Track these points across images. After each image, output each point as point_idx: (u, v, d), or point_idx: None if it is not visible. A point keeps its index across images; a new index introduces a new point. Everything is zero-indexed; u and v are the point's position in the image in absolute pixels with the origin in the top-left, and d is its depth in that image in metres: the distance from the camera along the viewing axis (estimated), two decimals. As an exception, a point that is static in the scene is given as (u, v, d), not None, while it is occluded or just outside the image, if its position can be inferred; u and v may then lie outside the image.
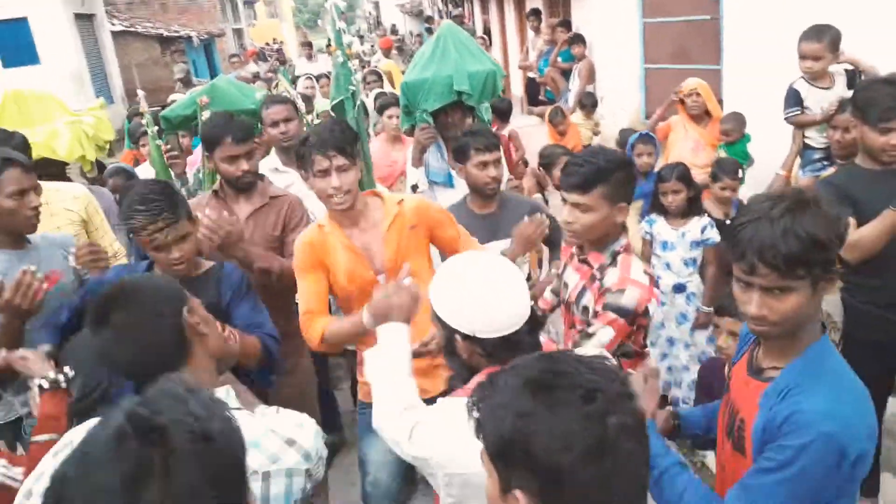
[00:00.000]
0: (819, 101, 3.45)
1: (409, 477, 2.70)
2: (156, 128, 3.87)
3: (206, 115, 3.56)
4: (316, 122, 3.97)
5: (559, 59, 8.73)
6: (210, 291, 2.29)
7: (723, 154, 4.40)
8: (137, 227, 2.21)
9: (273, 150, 3.58)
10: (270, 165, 3.51)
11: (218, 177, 2.99)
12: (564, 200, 2.20)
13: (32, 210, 2.49)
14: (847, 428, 1.35)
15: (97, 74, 15.24)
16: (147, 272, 2.35)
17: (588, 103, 7.08)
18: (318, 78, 8.06)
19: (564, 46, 8.65)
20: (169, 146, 3.86)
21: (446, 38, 3.57)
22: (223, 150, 2.78)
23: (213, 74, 22.34)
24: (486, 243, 2.79)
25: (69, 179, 3.60)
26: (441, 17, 20.13)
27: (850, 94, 3.35)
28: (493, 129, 4.51)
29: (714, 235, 3.71)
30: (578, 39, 8.41)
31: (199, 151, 3.79)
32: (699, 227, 3.70)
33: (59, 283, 2.35)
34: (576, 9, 9.40)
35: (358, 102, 3.07)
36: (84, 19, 15.07)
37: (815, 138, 3.48)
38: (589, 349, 2.05)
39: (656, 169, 4.28)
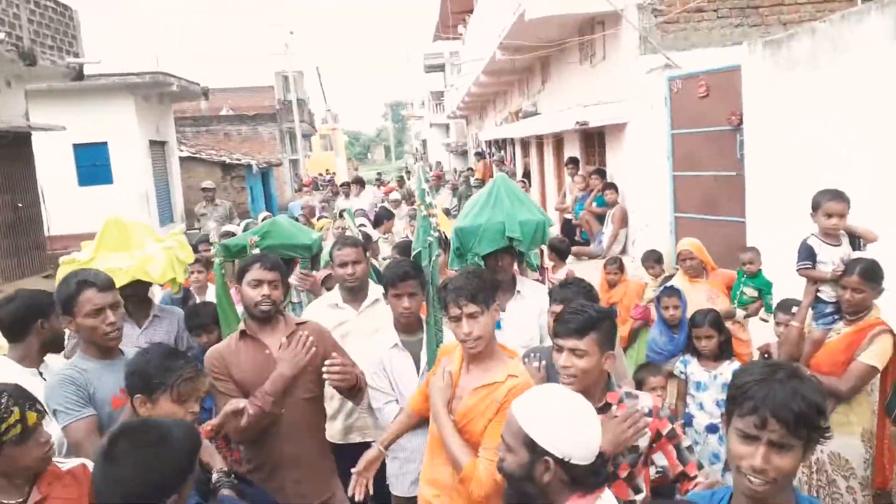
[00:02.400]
0: (831, 256, 3.67)
1: None
2: (221, 258, 3.97)
3: (255, 251, 3.75)
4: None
5: (594, 204, 9.27)
6: None
7: (750, 289, 4.65)
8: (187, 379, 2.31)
9: (336, 287, 3.80)
10: (331, 301, 3.73)
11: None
12: (560, 349, 2.30)
13: (110, 326, 2.65)
14: None
15: (162, 195, 16.27)
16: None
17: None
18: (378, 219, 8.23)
19: (599, 193, 9.22)
20: (224, 273, 3.93)
21: (500, 188, 3.75)
22: (251, 273, 2.94)
23: (268, 198, 23.72)
24: None
25: (150, 299, 3.80)
26: (484, 158, 21.32)
27: (855, 253, 3.65)
28: (548, 271, 4.84)
29: (746, 381, 3.91)
30: (611, 187, 8.99)
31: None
32: (731, 371, 3.85)
33: None
34: (610, 159, 10.00)
35: (434, 256, 3.26)
36: (157, 145, 16.28)
37: (827, 292, 3.65)
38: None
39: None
